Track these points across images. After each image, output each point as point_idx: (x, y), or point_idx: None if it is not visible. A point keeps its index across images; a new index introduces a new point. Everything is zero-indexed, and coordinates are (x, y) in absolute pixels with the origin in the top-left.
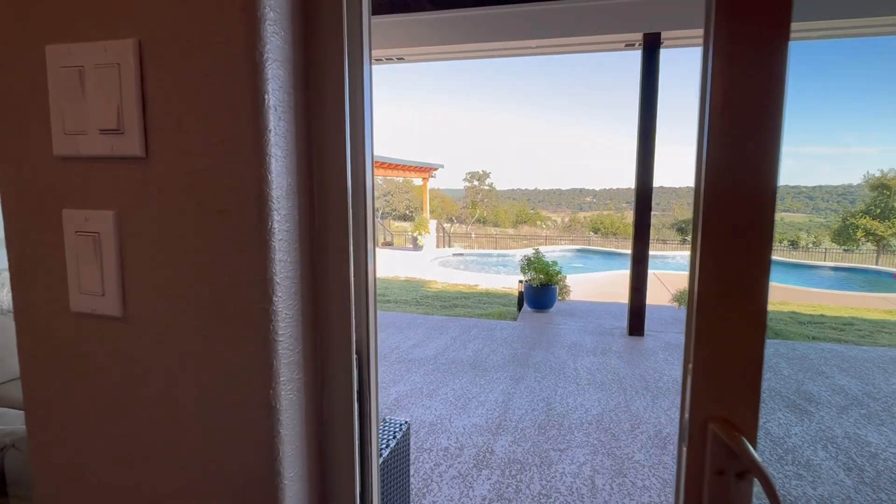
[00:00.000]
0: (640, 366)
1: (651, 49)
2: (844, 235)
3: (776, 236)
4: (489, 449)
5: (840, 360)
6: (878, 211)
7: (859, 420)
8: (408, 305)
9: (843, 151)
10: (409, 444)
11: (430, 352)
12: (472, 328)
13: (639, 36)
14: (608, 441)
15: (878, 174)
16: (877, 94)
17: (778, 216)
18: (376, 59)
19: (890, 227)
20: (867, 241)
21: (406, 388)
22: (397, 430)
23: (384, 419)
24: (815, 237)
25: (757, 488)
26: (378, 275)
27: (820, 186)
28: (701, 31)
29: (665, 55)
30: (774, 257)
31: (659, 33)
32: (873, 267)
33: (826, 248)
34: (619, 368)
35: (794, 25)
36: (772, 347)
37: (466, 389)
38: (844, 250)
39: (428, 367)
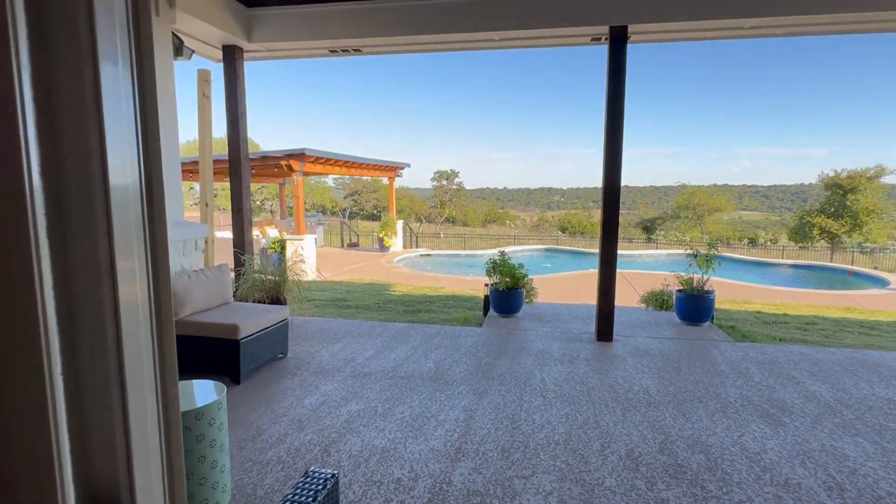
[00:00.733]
0: (609, 374)
1: (617, 44)
2: (801, 233)
3: (735, 234)
4: (447, 479)
5: (809, 364)
6: (832, 209)
7: (834, 430)
8: (369, 311)
9: (796, 152)
10: (337, 502)
11: (389, 364)
12: (435, 336)
13: (605, 29)
14: (576, 464)
15: (832, 174)
16: (824, 96)
17: (736, 214)
18: (331, 50)
19: (843, 226)
20: (821, 239)
21: (359, 408)
22: (320, 486)
23: (307, 472)
24: (772, 235)
25: None
26: (341, 278)
27: (775, 185)
28: (670, 26)
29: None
30: (736, 255)
31: (626, 27)
32: (829, 264)
33: (783, 246)
34: (588, 378)
35: (750, 21)
36: (741, 351)
37: (425, 407)
38: (800, 248)
39: (385, 382)
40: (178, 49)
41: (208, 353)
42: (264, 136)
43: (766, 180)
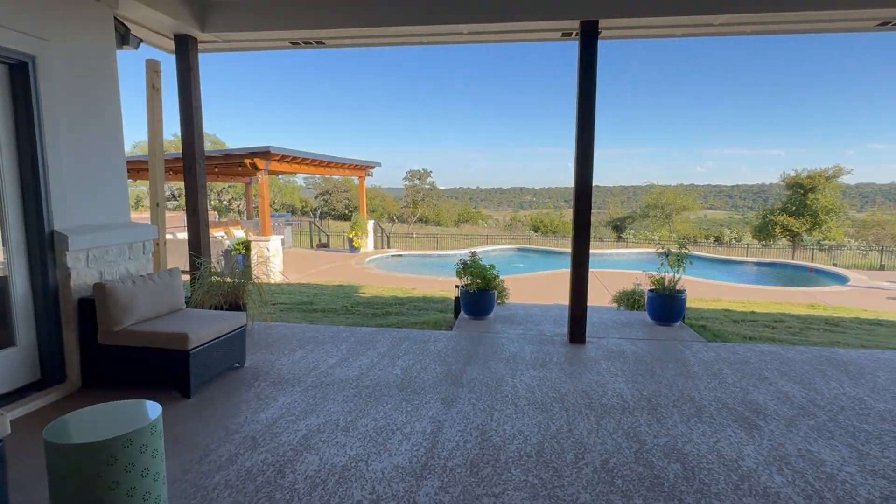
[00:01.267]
0: (582, 379)
1: (588, 39)
2: (764, 232)
3: (701, 233)
4: (411, 500)
5: (780, 363)
6: (794, 208)
7: (809, 434)
8: (336, 315)
9: (757, 153)
10: None
11: (353, 372)
12: (404, 341)
13: (576, 24)
14: (549, 478)
15: (793, 174)
16: (783, 97)
17: (701, 213)
18: (292, 42)
19: (803, 224)
20: (783, 237)
21: (319, 421)
22: None
23: None
24: (736, 233)
25: None
26: (309, 280)
27: (738, 185)
28: (641, 21)
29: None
30: (703, 253)
31: (597, 21)
32: (791, 261)
33: (748, 244)
34: (561, 383)
35: (720, 18)
36: (713, 352)
37: (390, 419)
38: (763, 245)
39: (348, 392)
40: (124, 37)
41: (155, 365)
42: (234, 135)
43: (730, 180)
